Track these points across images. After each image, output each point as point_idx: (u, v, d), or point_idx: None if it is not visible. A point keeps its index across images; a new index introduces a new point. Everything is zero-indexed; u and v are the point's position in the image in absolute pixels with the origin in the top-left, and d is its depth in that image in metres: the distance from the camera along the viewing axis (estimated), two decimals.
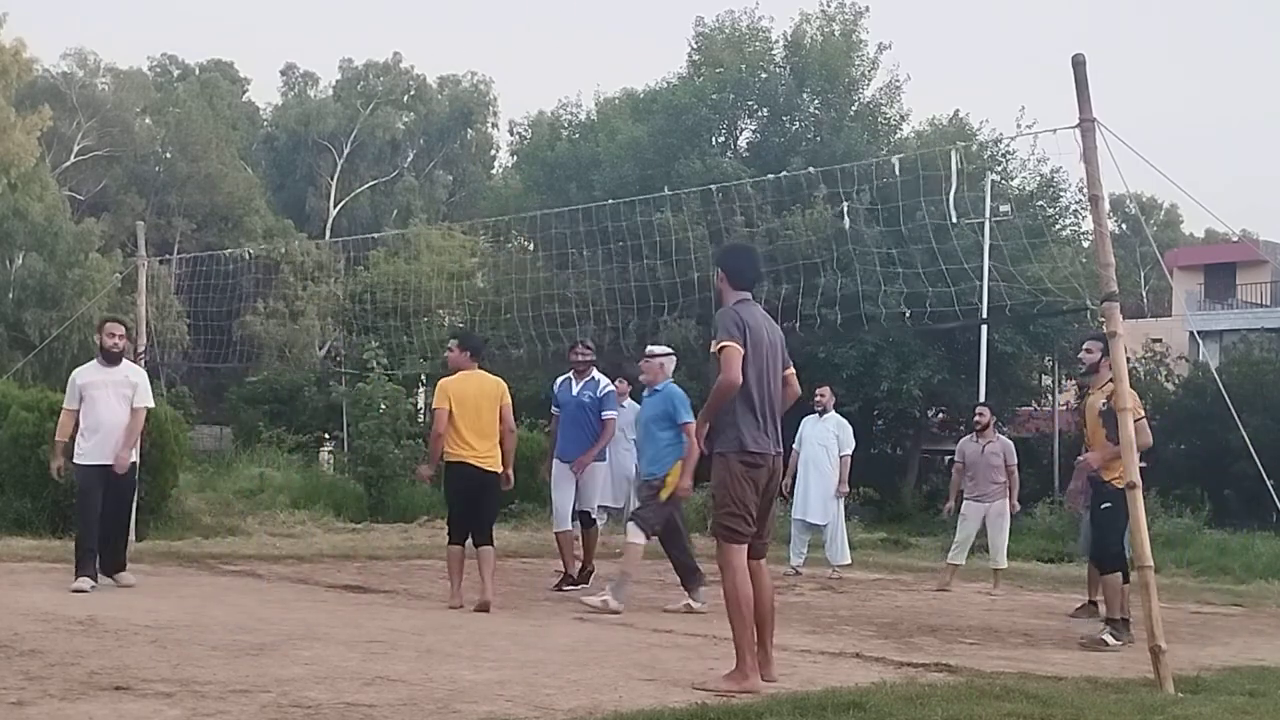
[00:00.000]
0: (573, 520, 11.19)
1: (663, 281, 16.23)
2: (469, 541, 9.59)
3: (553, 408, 11.46)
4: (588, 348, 11.26)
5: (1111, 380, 8.60)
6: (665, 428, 9.80)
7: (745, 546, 6.43)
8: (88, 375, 9.92)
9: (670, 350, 10.74)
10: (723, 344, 6.44)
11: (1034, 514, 21.45)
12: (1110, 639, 8.71)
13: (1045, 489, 26.94)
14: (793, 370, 6.90)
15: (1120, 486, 8.36)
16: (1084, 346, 9.49)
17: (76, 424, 9.79)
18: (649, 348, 10.65)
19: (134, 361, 10.98)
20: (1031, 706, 5.82)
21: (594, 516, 11.46)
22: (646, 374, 10.15)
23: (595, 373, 11.12)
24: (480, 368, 9.80)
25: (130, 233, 37.97)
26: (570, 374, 11.19)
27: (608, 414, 11.05)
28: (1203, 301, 46.42)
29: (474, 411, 9.46)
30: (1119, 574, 8.88)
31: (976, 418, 13.49)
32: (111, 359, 9.91)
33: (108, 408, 9.77)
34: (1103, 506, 9.02)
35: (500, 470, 9.61)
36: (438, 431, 9.51)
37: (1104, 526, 9.09)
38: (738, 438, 6.44)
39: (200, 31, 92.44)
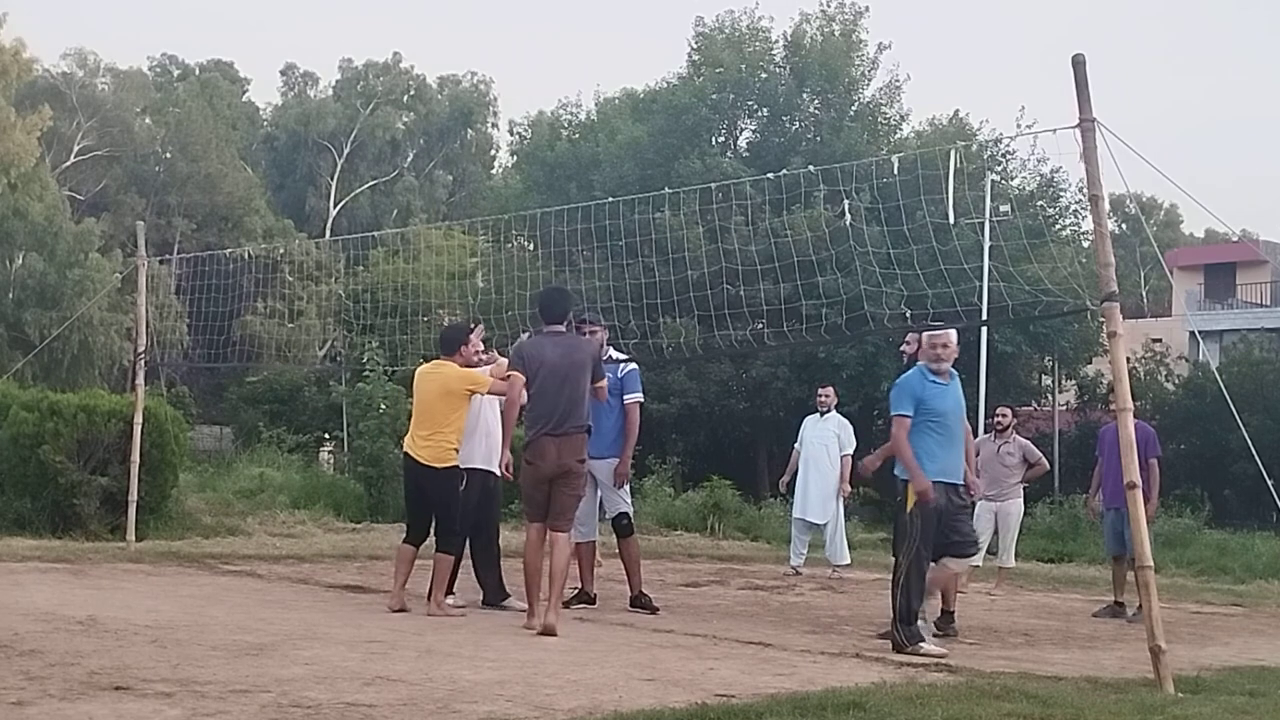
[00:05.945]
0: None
1: (663, 281, 16.21)
2: None
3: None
4: None
5: None
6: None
7: (541, 524, 8.29)
8: None
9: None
10: (506, 373, 8.59)
11: (1034, 514, 21.42)
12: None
13: (1045, 489, 26.91)
14: (603, 384, 8.71)
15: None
16: None
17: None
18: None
19: (135, 361, 10.89)
20: (1031, 706, 5.82)
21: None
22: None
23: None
24: None
25: (130, 233, 37.95)
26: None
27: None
28: (1203, 301, 46.40)
29: None
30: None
31: (997, 419, 13.46)
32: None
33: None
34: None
35: None
36: None
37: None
38: (527, 443, 8.33)
39: (200, 31, 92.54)
